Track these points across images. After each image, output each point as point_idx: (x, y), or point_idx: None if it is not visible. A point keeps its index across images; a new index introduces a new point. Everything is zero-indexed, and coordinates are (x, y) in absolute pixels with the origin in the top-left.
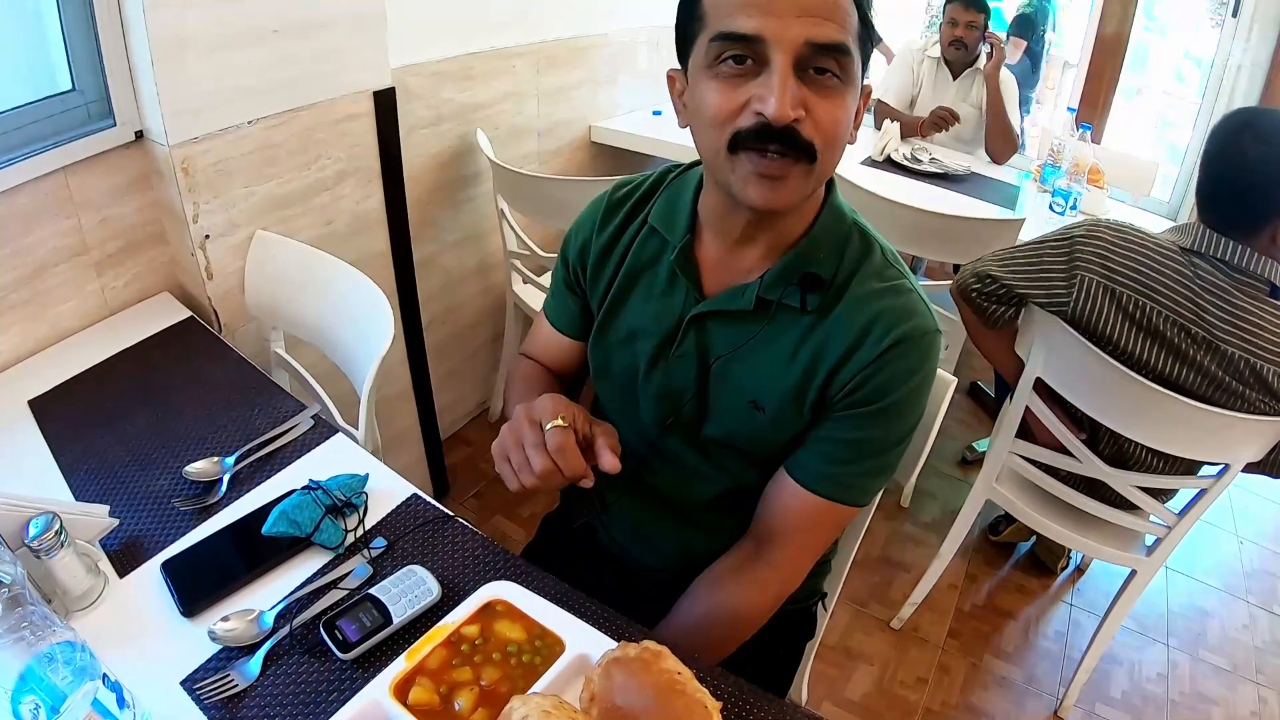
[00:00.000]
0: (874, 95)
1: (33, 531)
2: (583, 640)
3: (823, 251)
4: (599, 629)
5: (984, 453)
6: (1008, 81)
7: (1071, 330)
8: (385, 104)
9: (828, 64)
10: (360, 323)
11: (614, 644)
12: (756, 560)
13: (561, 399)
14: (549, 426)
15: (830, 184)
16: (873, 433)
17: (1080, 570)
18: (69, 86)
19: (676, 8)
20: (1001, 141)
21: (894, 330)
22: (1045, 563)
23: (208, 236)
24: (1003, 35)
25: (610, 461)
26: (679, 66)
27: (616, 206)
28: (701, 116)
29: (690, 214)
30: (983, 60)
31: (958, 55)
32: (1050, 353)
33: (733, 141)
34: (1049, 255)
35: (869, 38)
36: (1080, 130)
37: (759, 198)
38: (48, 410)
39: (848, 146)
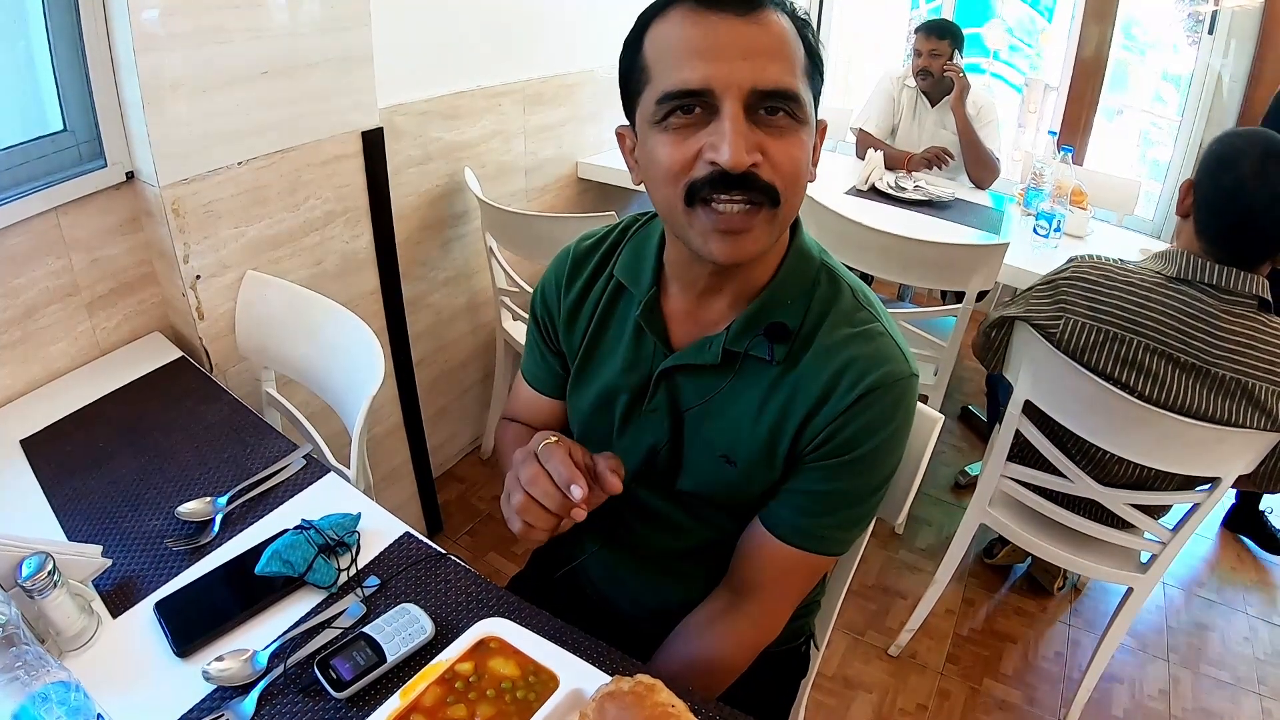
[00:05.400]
0: (855, 124)
1: (26, 571)
2: (577, 675)
3: (789, 298)
4: (593, 664)
5: (977, 477)
6: (988, 106)
7: (1057, 351)
8: (373, 144)
9: (778, 106)
10: (351, 362)
11: (608, 678)
12: (732, 612)
13: (553, 432)
14: (540, 446)
15: (796, 225)
16: (846, 484)
17: (1077, 590)
18: (60, 127)
19: (618, 61)
20: (979, 168)
21: (865, 379)
22: (1042, 584)
23: (199, 277)
24: (962, 64)
25: (613, 482)
26: (627, 122)
27: (582, 262)
28: (654, 172)
29: (655, 266)
30: None
31: (925, 84)
32: (1038, 374)
33: (689, 194)
34: (1035, 295)
35: (817, 73)
36: (1062, 153)
37: (721, 253)
38: (40, 450)
39: (812, 182)
